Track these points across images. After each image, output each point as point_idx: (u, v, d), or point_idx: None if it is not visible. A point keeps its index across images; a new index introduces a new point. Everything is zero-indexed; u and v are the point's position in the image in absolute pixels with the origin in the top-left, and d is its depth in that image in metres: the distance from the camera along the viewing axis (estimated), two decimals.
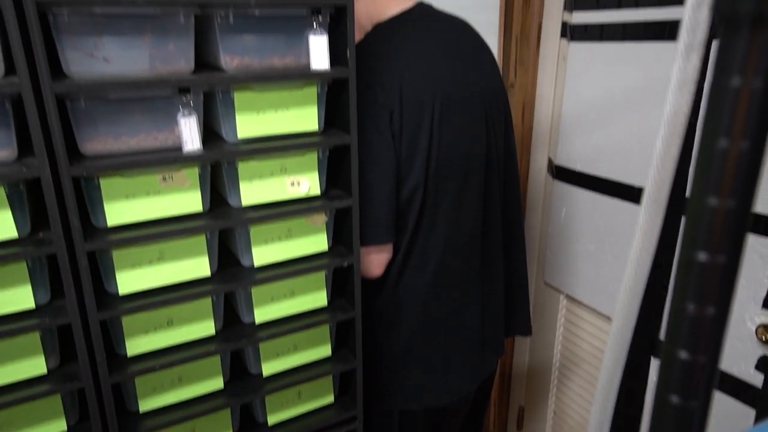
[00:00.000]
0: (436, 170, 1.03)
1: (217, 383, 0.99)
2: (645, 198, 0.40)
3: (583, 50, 1.49)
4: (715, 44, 0.29)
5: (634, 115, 1.37)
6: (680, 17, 0.32)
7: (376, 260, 1.05)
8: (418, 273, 1.09)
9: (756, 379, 1.18)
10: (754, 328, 1.17)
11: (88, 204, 0.83)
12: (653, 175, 0.40)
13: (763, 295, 1.15)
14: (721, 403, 1.24)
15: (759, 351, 1.17)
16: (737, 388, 1.22)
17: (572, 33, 1.51)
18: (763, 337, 1.14)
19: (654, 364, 1.39)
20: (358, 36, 1.08)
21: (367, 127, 0.98)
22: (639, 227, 0.41)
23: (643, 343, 1.40)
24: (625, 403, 1.47)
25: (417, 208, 1.04)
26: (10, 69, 0.73)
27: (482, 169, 1.12)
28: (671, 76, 0.37)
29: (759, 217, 1.13)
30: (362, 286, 1.04)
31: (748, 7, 0.25)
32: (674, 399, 0.33)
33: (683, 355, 0.32)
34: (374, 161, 1.00)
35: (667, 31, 1.24)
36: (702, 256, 0.31)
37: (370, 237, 1.02)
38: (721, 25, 0.27)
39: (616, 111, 1.41)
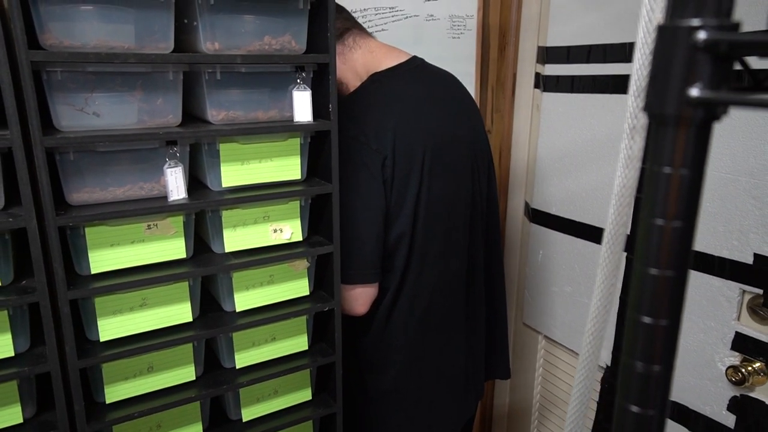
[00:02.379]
0: (425, 215, 1.07)
1: (197, 430, 0.98)
2: (604, 240, 0.44)
3: (555, 100, 1.56)
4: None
5: (605, 162, 1.43)
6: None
7: (361, 298, 1.07)
8: (407, 314, 1.11)
9: (728, 419, 1.21)
10: (724, 369, 1.21)
11: (73, 252, 0.85)
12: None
13: (732, 336, 1.19)
14: None
15: (730, 392, 1.20)
16: (710, 429, 1.24)
17: (545, 84, 1.59)
18: (733, 378, 1.18)
19: None
20: (354, 83, 1.14)
21: (359, 170, 1.02)
22: (601, 266, 0.44)
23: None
24: None
25: (405, 250, 1.08)
26: (1, 124, 0.76)
27: (468, 212, 1.17)
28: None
29: (724, 261, 1.18)
30: (349, 325, 1.06)
31: (672, 109, 0.29)
32: (634, 408, 0.36)
33: (639, 366, 0.35)
34: (365, 204, 1.03)
35: None
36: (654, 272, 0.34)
37: (358, 276, 1.05)
38: (652, 122, 0.31)
39: (587, 157, 1.47)
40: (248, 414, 1.03)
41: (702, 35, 0.28)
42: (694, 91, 0.28)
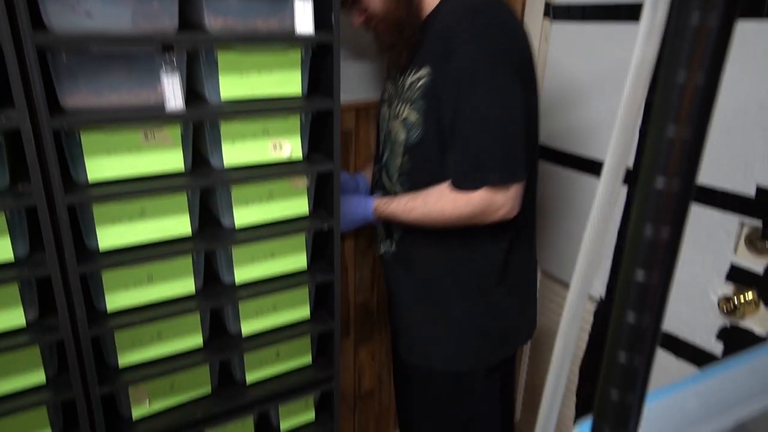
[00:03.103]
0: (535, 125, 1.11)
1: (196, 340, 1.01)
2: (604, 171, 0.42)
3: (565, 30, 1.51)
4: None
5: (613, 95, 1.40)
6: None
7: (519, 197, 1.05)
8: (527, 229, 1.18)
9: (716, 348, 1.24)
10: (716, 300, 1.22)
11: (69, 159, 0.84)
12: (612, 149, 0.42)
13: (727, 268, 1.20)
14: (683, 371, 1.30)
15: (720, 322, 1.23)
16: (699, 357, 1.28)
17: (555, 13, 1.53)
18: (725, 308, 1.20)
19: None
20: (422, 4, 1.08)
21: (504, 70, 0.99)
22: (597, 198, 0.44)
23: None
24: (593, 376, 1.53)
25: (531, 158, 1.09)
26: None
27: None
28: (639, 27, 0.39)
29: (726, 194, 1.18)
30: (486, 241, 1.11)
31: None
32: (630, 317, 0.36)
33: (640, 276, 0.35)
34: (512, 102, 1.00)
35: None
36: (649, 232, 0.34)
37: (518, 173, 1.02)
38: None
39: (596, 90, 1.44)
40: (247, 328, 1.05)
41: None
42: None
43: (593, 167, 1.48)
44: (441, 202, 1.05)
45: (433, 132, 1.05)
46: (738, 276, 1.18)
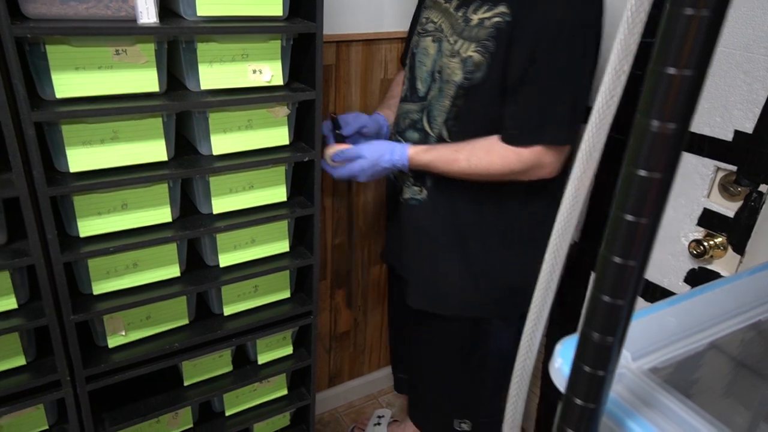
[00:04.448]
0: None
1: (173, 271, 0.99)
2: (591, 118, 0.41)
3: None
4: None
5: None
6: None
7: (563, 159, 1.03)
8: (563, 190, 1.15)
9: (684, 290, 1.28)
10: (686, 244, 1.26)
11: (34, 74, 0.79)
12: (602, 95, 0.41)
13: (699, 212, 1.23)
14: None
15: (689, 265, 1.27)
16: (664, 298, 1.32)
17: None
18: (695, 251, 1.23)
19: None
20: None
21: (590, 33, 0.95)
22: (583, 144, 0.43)
23: (588, 261, 1.49)
24: (563, 318, 1.58)
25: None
26: None
27: None
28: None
29: (704, 138, 1.19)
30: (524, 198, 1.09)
31: None
32: (616, 259, 0.36)
33: (629, 218, 0.34)
34: (587, 65, 0.97)
35: None
36: (642, 173, 0.33)
37: (570, 137, 1.00)
38: None
39: None
40: (225, 260, 1.03)
41: None
42: None
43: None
44: (489, 156, 1.00)
45: (497, 77, 0.98)
46: (710, 220, 1.21)
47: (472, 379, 1.29)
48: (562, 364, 0.45)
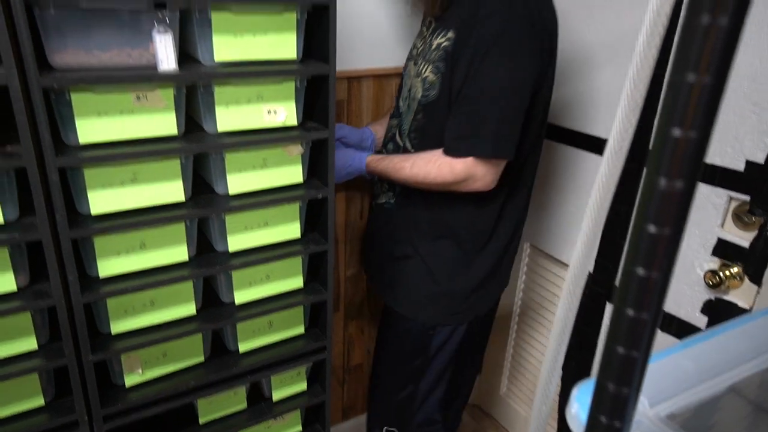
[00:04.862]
0: (545, 106, 1.14)
1: (189, 309, 1.00)
2: (607, 149, 0.42)
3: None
4: None
5: (603, 68, 1.40)
6: None
7: (499, 172, 1.08)
8: (517, 202, 1.20)
9: (701, 321, 1.27)
10: (702, 274, 1.25)
11: (59, 121, 0.81)
12: (616, 127, 0.42)
13: (714, 242, 1.22)
14: (668, 344, 1.33)
15: (705, 296, 1.25)
16: (683, 330, 1.31)
17: None
18: (711, 281, 1.22)
19: (608, 311, 1.47)
20: None
21: (522, 49, 1.01)
22: (599, 177, 0.43)
23: (600, 291, 1.48)
24: (578, 347, 1.56)
25: (533, 139, 1.12)
26: None
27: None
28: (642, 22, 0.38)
29: (715, 169, 1.19)
30: (457, 211, 1.15)
31: None
32: (630, 312, 0.36)
33: (640, 272, 0.35)
34: (522, 80, 1.02)
35: None
36: (662, 183, 0.33)
37: (504, 151, 1.05)
38: None
39: (584, 63, 1.44)
40: (240, 297, 1.05)
41: None
42: None
43: (580, 140, 1.48)
44: (428, 166, 1.09)
45: (446, 95, 1.08)
46: (724, 250, 1.21)
47: (408, 385, 1.35)
48: (578, 410, 0.45)
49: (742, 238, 1.17)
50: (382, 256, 1.32)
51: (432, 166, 1.09)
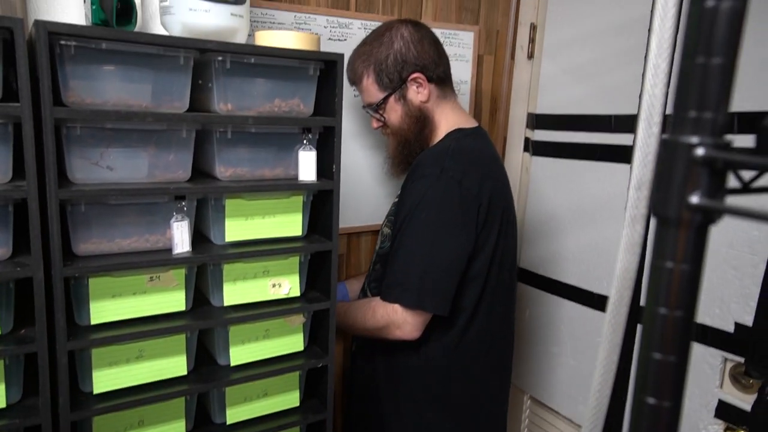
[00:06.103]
0: (499, 261, 1.17)
1: (179, 427, 0.96)
2: (609, 307, 0.46)
3: (544, 164, 1.63)
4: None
5: (589, 226, 1.48)
6: (628, 143, 0.40)
7: (422, 325, 1.10)
8: (475, 350, 1.19)
9: None
10: None
11: (74, 302, 0.85)
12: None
13: (715, 404, 1.21)
14: None
15: None
16: None
17: (534, 148, 1.66)
18: None
19: None
20: (441, 130, 1.21)
21: (455, 209, 1.08)
22: (603, 341, 0.47)
23: None
24: None
25: (478, 290, 1.15)
26: (17, 174, 0.78)
27: (516, 264, 1.29)
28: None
29: (706, 329, 1.22)
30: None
31: (674, 213, 0.33)
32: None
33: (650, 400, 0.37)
34: (455, 240, 1.09)
35: (618, 154, 1.38)
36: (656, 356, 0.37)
37: (426, 303, 1.08)
38: (657, 221, 0.35)
39: (573, 220, 1.53)
40: (233, 417, 1.01)
41: (700, 152, 0.32)
42: (694, 199, 0.32)
43: (574, 294, 1.52)
44: (362, 311, 1.14)
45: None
46: (727, 413, 1.19)
47: None
48: None
49: (743, 401, 1.17)
50: (353, 401, 1.34)
51: (366, 311, 1.13)
